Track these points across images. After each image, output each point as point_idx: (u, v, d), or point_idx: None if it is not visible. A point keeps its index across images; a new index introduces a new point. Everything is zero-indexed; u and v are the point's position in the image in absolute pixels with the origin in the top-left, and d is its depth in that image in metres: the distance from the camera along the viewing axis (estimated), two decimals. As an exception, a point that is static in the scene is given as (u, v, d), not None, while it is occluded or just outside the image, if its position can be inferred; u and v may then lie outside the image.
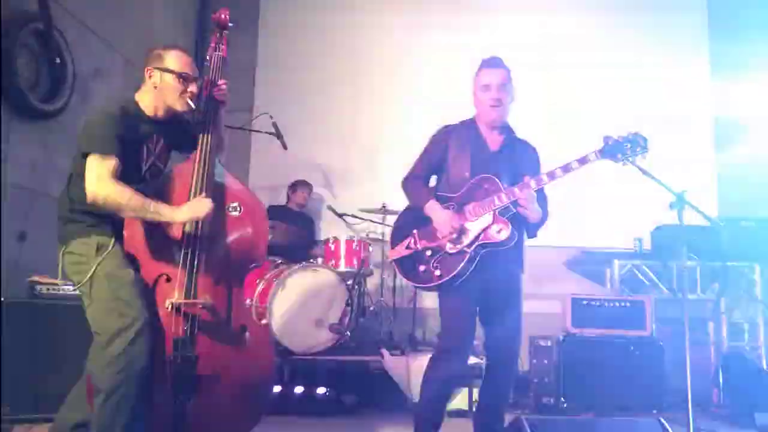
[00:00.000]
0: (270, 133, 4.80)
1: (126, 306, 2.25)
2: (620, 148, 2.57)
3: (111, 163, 2.30)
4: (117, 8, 4.81)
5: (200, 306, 2.35)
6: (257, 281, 4.29)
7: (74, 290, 2.57)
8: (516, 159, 2.73)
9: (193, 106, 2.51)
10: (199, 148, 2.54)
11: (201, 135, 2.56)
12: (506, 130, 2.77)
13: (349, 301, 4.21)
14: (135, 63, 5.04)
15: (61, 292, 3.32)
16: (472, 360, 3.96)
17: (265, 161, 5.69)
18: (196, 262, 2.39)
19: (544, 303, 5.47)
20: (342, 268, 4.58)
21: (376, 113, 5.82)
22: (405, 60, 5.91)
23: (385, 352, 4.00)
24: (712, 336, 4.87)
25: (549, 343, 4.19)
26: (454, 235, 2.59)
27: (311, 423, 3.65)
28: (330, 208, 5.21)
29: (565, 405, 3.98)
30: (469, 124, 2.79)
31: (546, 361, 4.23)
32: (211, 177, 2.50)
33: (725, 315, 4.68)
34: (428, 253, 2.66)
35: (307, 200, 5.43)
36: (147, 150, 2.51)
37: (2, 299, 3.14)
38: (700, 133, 5.65)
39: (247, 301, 3.99)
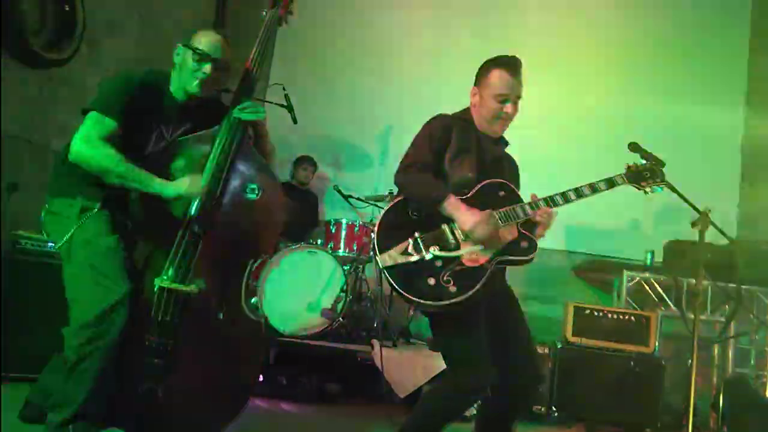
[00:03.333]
0: (281, 105, 4.66)
1: (101, 276, 2.10)
2: (642, 176, 2.40)
3: (108, 125, 2.15)
4: (137, -40, 4.69)
5: (193, 290, 2.19)
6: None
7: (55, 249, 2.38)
8: (502, 173, 2.44)
9: (198, 91, 2.29)
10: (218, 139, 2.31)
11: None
12: (500, 140, 2.47)
13: (345, 287, 4.08)
14: (152, 22, 4.91)
15: (46, 249, 3.20)
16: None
17: (273, 134, 5.53)
18: (192, 245, 2.22)
19: (545, 307, 5.35)
20: (341, 252, 4.45)
21: (393, 98, 5.66)
22: (428, 48, 5.73)
23: (375, 343, 3.88)
24: (717, 359, 4.73)
25: (546, 350, 4.06)
26: (478, 246, 2.18)
27: (292, 408, 3.55)
28: (336, 188, 5.06)
29: (556, 414, 3.89)
30: (468, 123, 2.42)
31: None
32: (223, 164, 2.29)
33: (733, 339, 4.52)
34: (438, 263, 2.18)
35: (310, 178, 5.29)
36: (159, 133, 2.31)
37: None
38: (727, 152, 5.44)
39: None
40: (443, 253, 2.19)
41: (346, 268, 4.23)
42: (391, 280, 2.18)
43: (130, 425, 2.18)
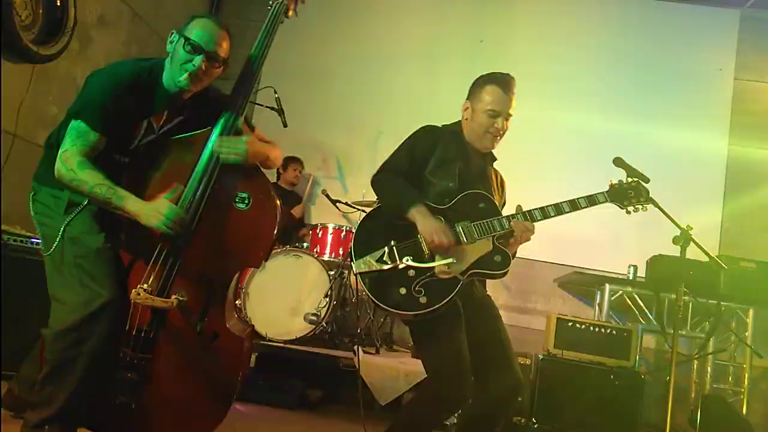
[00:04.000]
0: (272, 108, 4.67)
1: (88, 277, 2.00)
2: (625, 195, 2.40)
3: (91, 140, 2.04)
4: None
5: (171, 304, 2.08)
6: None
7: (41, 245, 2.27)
8: (490, 187, 2.45)
9: (187, 84, 2.13)
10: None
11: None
12: (488, 154, 2.49)
13: (329, 292, 4.07)
14: (144, 17, 4.89)
15: (29, 245, 3.17)
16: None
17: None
18: (172, 260, 2.13)
19: (528, 318, 5.39)
20: (327, 256, 4.45)
21: (384, 104, 5.68)
22: (422, 56, 5.76)
23: (359, 349, 3.87)
24: (695, 375, 4.78)
25: (528, 361, 4.07)
26: (445, 258, 2.19)
27: (272, 413, 3.53)
28: (324, 193, 5.06)
29: (536, 426, 3.89)
30: (457, 136, 2.44)
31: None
32: (201, 191, 2.14)
33: (712, 355, 4.57)
34: (411, 273, 2.19)
35: (299, 178, 5.28)
36: (149, 125, 2.19)
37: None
38: (711, 170, 5.51)
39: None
40: (416, 264, 2.20)
41: (331, 273, 4.22)
42: (363, 285, 2.21)
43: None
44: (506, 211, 2.48)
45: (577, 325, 4.14)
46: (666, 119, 5.53)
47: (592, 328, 4.14)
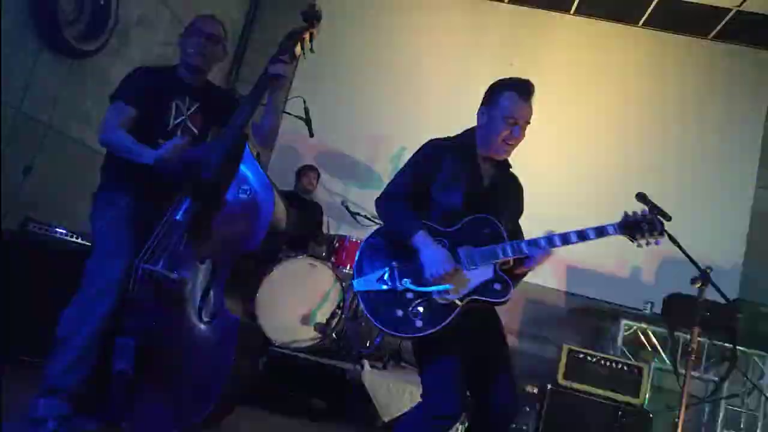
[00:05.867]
0: (299, 117, 4.73)
1: (101, 263, 2.27)
2: (638, 228, 2.25)
3: (120, 109, 2.42)
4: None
5: (172, 279, 2.26)
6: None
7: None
8: (505, 196, 2.42)
9: (192, 61, 2.57)
10: (232, 119, 2.47)
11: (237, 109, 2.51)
12: (502, 164, 2.43)
13: (341, 304, 4.08)
14: (181, 20, 4.99)
15: (54, 235, 3.24)
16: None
17: (289, 144, 5.60)
18: (179, 235, 2.33)
19: (538, 345, 5.33)
20: (343, 268, 4.46)
21: (410, 120, 5.70)
22: (452, 72, 5.79)
23: (366, 363, 3.87)
24: (706, 418, 4.68)
25: (535, 390, 4.03)
26: (444, 284, 2.16)
27: (274, 420, 3.53)
28: (344, 204, 5.09)
29: (538, 457, 3.85)
30: (467, 147, 2.39)
31: (528, 409, 4.07)
32: (222, 152, 2.41)
33: (724, 400, 4.47)
34: (409, 295, 2.18)
35: (314, 186, 5.31)
36: (176, 107, 2.54)
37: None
38: (736, 212, 5.43)
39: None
40: (415, 288, 2.18)
41: (344, 284, 4.23)
42: (361, 304, 2.21)
43: (103, 409, 2.22)
44: (523, 220, 2.49)
45: (589, 358, 4.10)
46: (692, 158, 5.49)
47: (603, 362, 4.09)
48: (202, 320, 2.29)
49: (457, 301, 2.17)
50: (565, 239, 2.23)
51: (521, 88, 2.32)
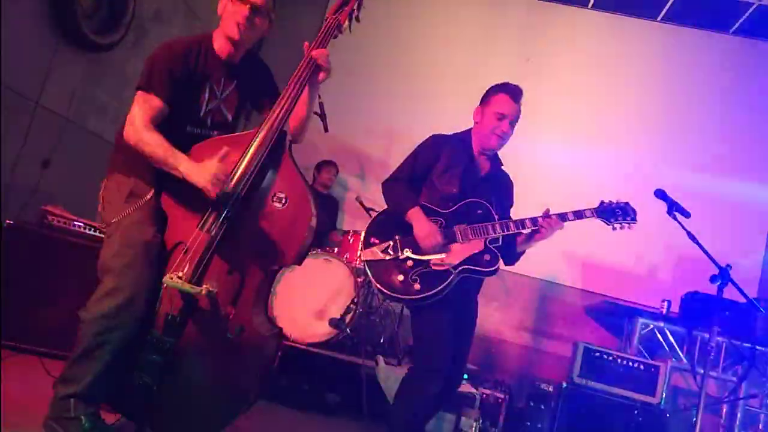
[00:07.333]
0: (315, 113, 4.71)
1: (127, 267, 2.08)
2: (612, 213, 2.63)
3: (152, 104, 2.17)
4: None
5: (200, 291, 2.10)
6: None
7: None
8: (497, 188, 2.76)
9: (236, 33, 2.24)
10: (269, 114, 2.23)
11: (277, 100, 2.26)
12: (495, 158, 2.79)
13: (356, 299, 4.08)
14: (198, 13, 5.01)
15: (72, 227, 3.26)
16: (465, 388, 3.81)
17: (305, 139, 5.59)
18: (209, 244, 2.16)
19: (553, 343, 5.29)
20: (356, 263, 4.45)
21: (425, 116, 5.65)
22: (468, 68, 5.75)
23: (380, 358, 3.86)
24: (724, 418, 4.62)
25: (550, 389, 4.01)
26: (439, 253, 2.52)
27: (289, 414, 3.54)
28: (358, 200, 5.08)
29: (553, 454, 3.82)
30: (464, 143, 2.75)
31: (543, 407, 4.05)
32: (262, 148, 2.18)
33: (742, 400, 4.41)
34: (409, 263, 2.56)
35: (333, 181, 5.31)
36: (210, 91, 2.29)
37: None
38: (757, 210, 5.35)
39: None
40: (415, 256, 2.56)
41: (359, 280, 4.23)
42: (368, 271, 2.60)
43: (129, 412, 2.18)
44: (514, 211, 2.81)
45: (605, 356, 4.06)
46: (713, 154, 5.42)
47: (619, 360, 4.06)
48: (228, 333, 2.17)
49: (451, 269, 2.52)
50: (548, 218, 2.57)
51: (512, 91, 2.70)
